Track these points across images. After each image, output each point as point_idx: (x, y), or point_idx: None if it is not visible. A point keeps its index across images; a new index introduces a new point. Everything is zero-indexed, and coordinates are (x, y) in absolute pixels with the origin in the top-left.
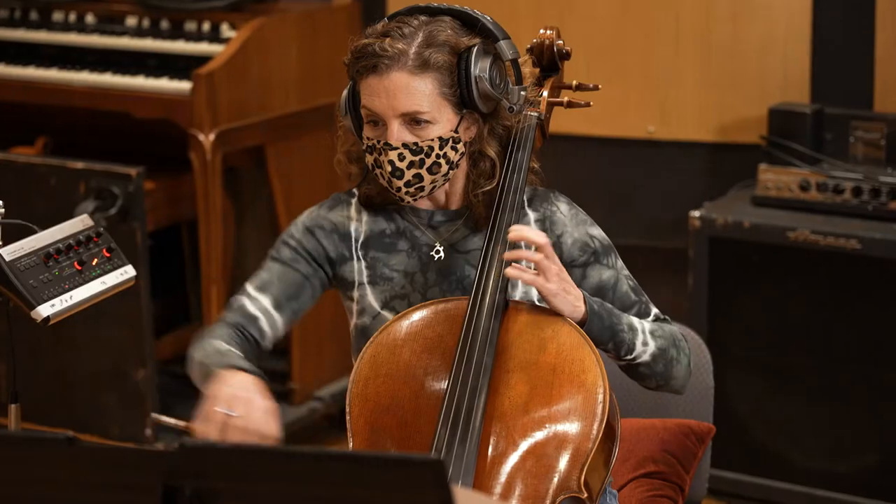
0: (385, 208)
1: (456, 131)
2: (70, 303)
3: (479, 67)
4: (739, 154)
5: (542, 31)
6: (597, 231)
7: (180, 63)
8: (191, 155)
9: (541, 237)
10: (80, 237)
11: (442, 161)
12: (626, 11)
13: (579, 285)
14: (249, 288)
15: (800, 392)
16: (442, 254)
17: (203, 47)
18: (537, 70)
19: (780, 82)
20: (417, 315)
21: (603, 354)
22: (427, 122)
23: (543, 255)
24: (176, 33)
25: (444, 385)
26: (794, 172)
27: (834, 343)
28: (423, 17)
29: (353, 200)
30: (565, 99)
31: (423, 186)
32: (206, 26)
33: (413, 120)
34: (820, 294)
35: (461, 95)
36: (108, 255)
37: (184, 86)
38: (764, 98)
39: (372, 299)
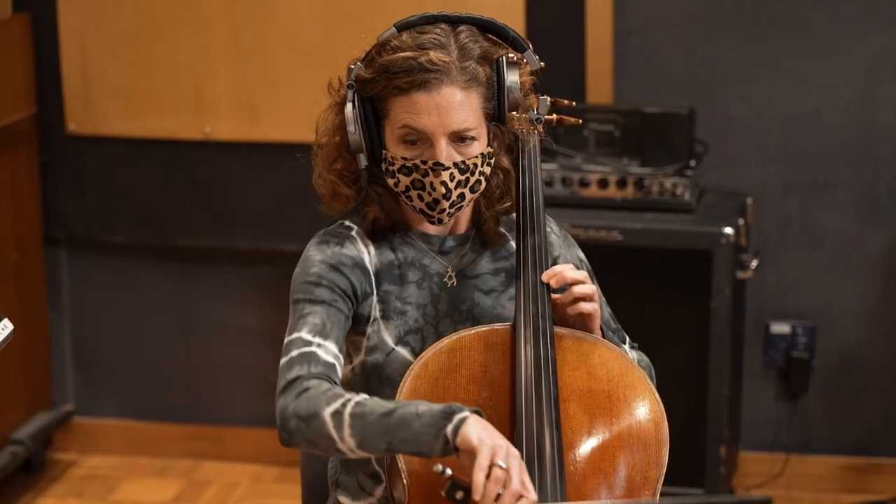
0: (387, 237)
1: (490, 146)
2: None
3: (511, 79)
4: None
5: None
6: (581, 253)
7: None
8: None
9: (580, 274)
10: None
11: (482, 178)
12: (335, 14)
13: None
14: (307, 336)
15: None
16: (455, 280)
17: None
18: None
19: None
20: (452, 346)
21: None
22: (472, 138)
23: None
24: None
25: (502, 418)
26: None
27: None
28: (443, 26)
29: (354, 232)
30: (554, 117)
31: (462, 206)
32: None
33: (459, 137)
34: None
35: (494, 108)
36: None
37: None
38: None
39: (386, 335)
